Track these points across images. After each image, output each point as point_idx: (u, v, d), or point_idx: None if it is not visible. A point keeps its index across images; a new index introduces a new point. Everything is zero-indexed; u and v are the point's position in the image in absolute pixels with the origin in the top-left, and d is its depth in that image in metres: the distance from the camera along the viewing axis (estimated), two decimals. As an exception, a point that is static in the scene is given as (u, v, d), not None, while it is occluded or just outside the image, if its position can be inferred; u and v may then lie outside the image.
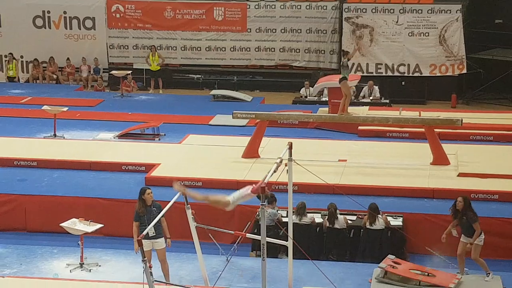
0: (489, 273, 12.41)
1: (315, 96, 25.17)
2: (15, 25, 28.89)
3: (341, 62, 19.48)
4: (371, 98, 24.98)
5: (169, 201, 11.03)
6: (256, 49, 28.56)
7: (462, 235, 12.53)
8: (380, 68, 26.71)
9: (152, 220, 10.98)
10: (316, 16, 28.03)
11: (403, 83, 26.87)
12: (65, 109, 20.94)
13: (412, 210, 14.82)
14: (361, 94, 25.12)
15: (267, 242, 9.89)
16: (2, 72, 29.29)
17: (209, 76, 29.01)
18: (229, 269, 12.19)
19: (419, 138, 18.70)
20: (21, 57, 29.21)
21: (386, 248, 13.62)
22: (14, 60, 28.60)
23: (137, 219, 11.95)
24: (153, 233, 11.72)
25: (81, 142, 19.62)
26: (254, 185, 10.51)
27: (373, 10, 26.65)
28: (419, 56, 26.49)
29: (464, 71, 26.44)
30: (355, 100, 24.01)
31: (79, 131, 21.10)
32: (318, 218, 14.36)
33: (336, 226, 14.00)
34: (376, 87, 25.44)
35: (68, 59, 28.66)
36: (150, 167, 17.04)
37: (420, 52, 26.44)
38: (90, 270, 12.78)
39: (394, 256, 12.89)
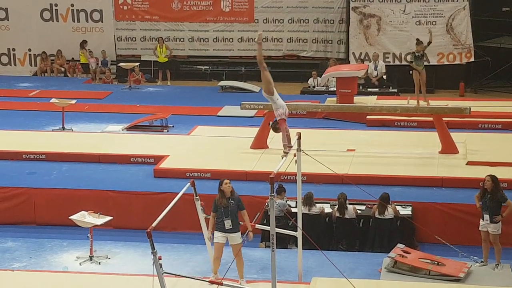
0: (498, 264, 12.39)
1: (323, 86, 25.13)
2: (23, 18, 28.89)
3: (415, 53, 19.23)
4: (377, 73, 24.95)
5: (178, 193, 11.06)
6: (264, 40, 28.41)
7: (482, 221, 12.41)
8: (388, 57, 26.62)
9: (229, 213, 11.17)
10: (323, 6, 27.97)
11: (411, 72, 26.71)
12: (74, 102, 20.97)
13: (421, 199, 14.80)
14: (369, 71, 25.07)
15: (276, 232, 9.89)
16: (11, 65, 29.32)
17: (217, 67, 28.98)
18: (238, 260, 12.20)
19: (428, 127, 18.67)
20: (29, 50, 29.23)
21: (395, 238, 13.61)
22: (85, 48, 28.43)
23: (214, 210, 11.39)
24: (230, 225, 11.33)
25: (90, 134, 19.65)
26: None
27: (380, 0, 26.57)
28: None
29: (472, 59, 26.34)
30: (362, 90, 23.99)
31: (87, 123, 21.13)
32: (327, 208, 14.36)
33: (346, 216, 14.00)
34: (381, 62, 25.47)
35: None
36: (158, 159, 17.05)
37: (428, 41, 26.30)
38: (99, 263, 12.81)
39: (404, 245, 12.89)
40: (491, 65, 26.46)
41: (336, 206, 14.11)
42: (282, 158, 11.08)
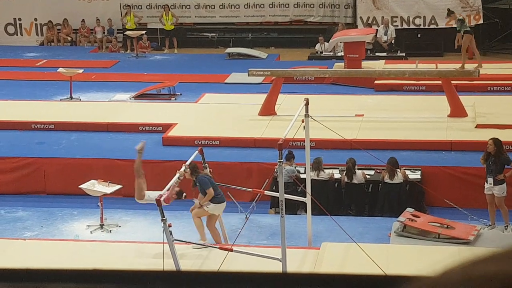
0: (508, 226, 12.41)
1: (330, 52, 25.03)
2: (28, -13, 28.82)
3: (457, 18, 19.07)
4: (387, 38, 24.92)
5: (186, 161, 11.07)
6: (270, 6, 28.33)
7: (486, 184, 12.43)
8: (396, 21, 26.44)
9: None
10: (330, -30, 27.79)
11: (419, 35, 26.62)
12: (81, 71, 20.94)
13: (430, 163, 14.80)
14: (378, 35, 25.00)
15: (285, 199, 9.92)
16: (17, 35, 29.27)
17: (223, 34, 28.85)
18: (248, 227, 12.24)
19: (436, 91, 18.58)
20: (35, 19, 29.14)
21: (404, 202, 13.62)
22: (132, 12, 28.22)
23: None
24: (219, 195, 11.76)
25: (98, 103, 19.66)
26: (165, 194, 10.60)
27: (388, -38, 26.34)
28: (435, 8, 26.16)
29: (481, 21, 26.14)
30: (370, 55, 23.89)
31: (95, 92, 21.13)
32: (336, 174, 14.36)
33: (355, 181, 14.01)
34: (392, 26, 25.39)
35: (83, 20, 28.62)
36: (167, 127, 17.06)
37: (436, 3, 26.12)
38: (110, 231, 12.88)
39: (413, 209, 12.91)
40: (500, 27, 26.27)
41: (345, 172, 14.11)
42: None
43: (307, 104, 11.43)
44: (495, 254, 1.01)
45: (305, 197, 11.90)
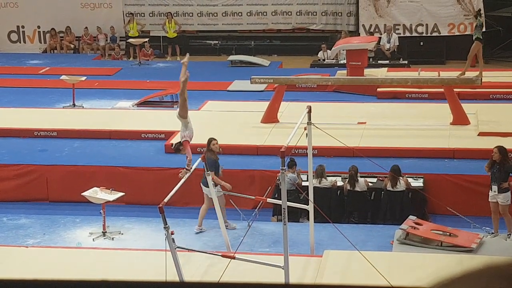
0: (510, 234, 12.40)
1: (333, 59, 25.05)
2: (31, -5, 28.88)
3: (476, 23, 19.22)
4: (390, 46, 24.91)
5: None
6: (273, 13, 28.36)
7: (491, 192, 12.42)
8: (398, 29, 26.48)
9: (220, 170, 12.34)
10: (332, -22, 27.81)
11: (421, 43, 26.64)
12: (83, 78, 20.98)
13: (432, 171, 14.78)
14: (381, 42, 25.01)
15: (288, 206, 9.91)
16: (20, 42, 29.32)
17: (226, 41, 28.89)
18: (250, 234, 12.24)
19: (439, 99, 18.59)
20: (38, 27, 29.19)
21: (407, 210, 13.62)
22: (134, 20, 28.18)
23: (212, 169, 12.42)
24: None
25: (100, 111, 19.67)
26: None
27: (390, -30, 26.38)
28: (437, 16, 26.20)
29: (483, 29, 26.13)
30: (373, 62, 23.91)
31: (98, 100, 21.16)
32: (339, 181, 14.37)
33: (357, 188, 14.00)
34: (395, 34, 25.38)
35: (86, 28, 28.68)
36: (169, 134, 17.06)
37: (438, 11, 26.15)
38: (112, 239, 12.89)
39: (416, 217, 12.91)
40: (502, 34, 26.28)
41: (347, 180, 14.11)
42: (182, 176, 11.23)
43: (309, 112, 11.43)
44: (467, 274, 1.02)
45: (307, 204, 11.90)
